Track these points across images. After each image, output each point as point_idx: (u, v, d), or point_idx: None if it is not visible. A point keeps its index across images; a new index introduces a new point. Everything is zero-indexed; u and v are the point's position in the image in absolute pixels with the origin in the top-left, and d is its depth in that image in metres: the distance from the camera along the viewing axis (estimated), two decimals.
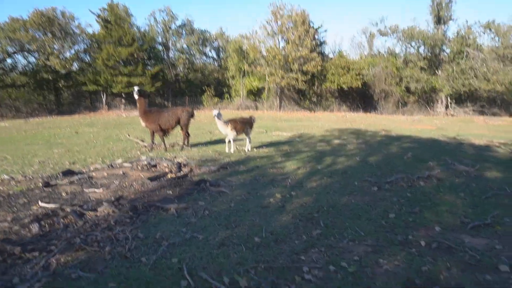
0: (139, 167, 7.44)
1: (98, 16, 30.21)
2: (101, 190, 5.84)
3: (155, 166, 7.55)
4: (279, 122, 19.83)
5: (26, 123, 20.18)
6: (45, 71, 28.44)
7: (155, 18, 36.01)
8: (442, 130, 16.64)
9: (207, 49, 40.05)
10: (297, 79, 31.07)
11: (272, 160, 8.49)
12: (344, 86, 32.79)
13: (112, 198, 5.28)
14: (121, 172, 7.04)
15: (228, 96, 35.17)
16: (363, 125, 18.31)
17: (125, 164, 7.76)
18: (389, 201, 5.30)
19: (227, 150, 9.38)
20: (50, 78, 29.28)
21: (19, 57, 29.48)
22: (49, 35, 27.17)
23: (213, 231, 4.12)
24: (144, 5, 70.51)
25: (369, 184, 6.25)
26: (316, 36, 32.96)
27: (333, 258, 3.51)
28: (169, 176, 6.68)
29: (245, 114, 10.65)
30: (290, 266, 3.32)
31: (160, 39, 36.24)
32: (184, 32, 36.88)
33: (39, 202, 5.10)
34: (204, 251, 3.61)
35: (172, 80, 35.56)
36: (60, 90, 31.61)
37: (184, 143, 10.36)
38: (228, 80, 36.15)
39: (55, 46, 27.69)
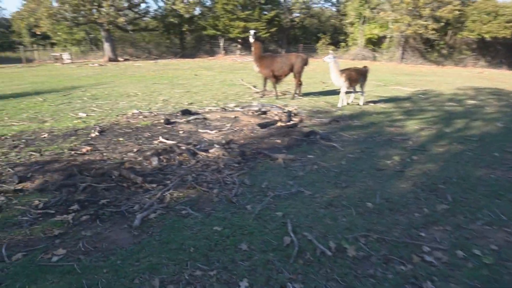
0: (250, 113, 7.48)
1: None
2: (213, 132, 6.04)
3: (265, 113, 7.50)
4: (400, 76, 17.87)
5: (155, 64, 22.35)
6: (172, 15, 30.55)
7: None
8: None
9: None
10: (426, 27, 27.04)
11: (390, 117, 7.64)
12: (487, 36, 27.40)
13: (223, 141, 5.40)
14: (233, 116, 7.19)
15: (345, 45, 32.89)
16: (507, 85, 15.25)
17: (237, 109, 7.92)
18: None
19: (340, 103, 8.78)
20: (176, 22, 31.43)
21: (151, 2, 31.97)
22: None
23: (321, 188, 3.86)
24: None
25: None
26: None
27: (462, 241, 2.94)
28: (278, 124, 6.54)
29: (360, 65, 9.67)
30: (407, 242, 2.89)
31: None
32: None
33: (160, 138, 5.52)
34: (310, 208, 3.40)
35: (287, 26, 34.70)
36: (184, 34, 33.84)
37: (295, 92, 10.06)
38: (345, 27, 33.61)
39: None
